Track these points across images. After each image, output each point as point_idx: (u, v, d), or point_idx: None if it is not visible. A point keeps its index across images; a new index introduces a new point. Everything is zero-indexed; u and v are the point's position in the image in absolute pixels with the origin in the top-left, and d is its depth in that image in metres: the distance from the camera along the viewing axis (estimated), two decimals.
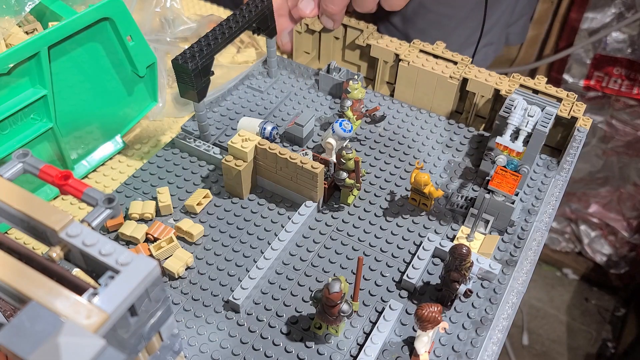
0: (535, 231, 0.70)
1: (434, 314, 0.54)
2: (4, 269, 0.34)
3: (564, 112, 0.76)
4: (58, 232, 0.37)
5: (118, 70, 0.74)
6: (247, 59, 0.95)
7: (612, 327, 1.89)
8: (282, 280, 0.65)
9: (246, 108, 0.85)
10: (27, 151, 0.43)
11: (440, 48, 0.84)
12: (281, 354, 0.59)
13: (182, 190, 0.74)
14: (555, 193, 0.74)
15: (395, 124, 0.84)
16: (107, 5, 0.66)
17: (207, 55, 0.70)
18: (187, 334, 0.60)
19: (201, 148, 0.78)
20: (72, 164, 0.77)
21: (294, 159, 0.68)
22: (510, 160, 0.70)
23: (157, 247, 0.66)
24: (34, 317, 0.32)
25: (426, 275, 0.66)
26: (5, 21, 0.68)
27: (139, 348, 0.39)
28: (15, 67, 0.62)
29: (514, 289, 0.65)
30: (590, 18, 1.53)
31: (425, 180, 0.68)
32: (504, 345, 0.61)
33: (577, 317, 1.90)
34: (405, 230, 0.70)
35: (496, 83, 0.79)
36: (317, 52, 0.96)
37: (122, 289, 0.34)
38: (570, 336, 1.86)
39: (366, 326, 0.62)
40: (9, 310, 0.52)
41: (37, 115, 0.68)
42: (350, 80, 0.79)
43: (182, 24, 0.91)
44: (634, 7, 1.47)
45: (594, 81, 1.60)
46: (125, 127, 0.81)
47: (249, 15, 0.76)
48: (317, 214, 0.72)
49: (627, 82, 1.57)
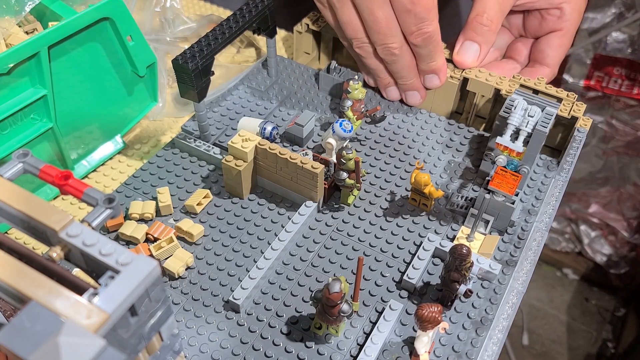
0: (535, 231, 0.70)
1: (434, 314, 0.54)
2: (4, 269, 0.34)
3: (564, 112, 0.76)
4: (58, 232, 0.37)
5: (118, 70, 0.74)
6: (247, 59, 0.95)
7: (612, 327, 1.89)
8: (282, 280, 0.65)
9: (246, 108, 0.85)
10: (27, 151, 0.43)
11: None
12: (281, 354, 0.59)
13: (182, 190, 0.74)
14: (555, 193, 0.74)
15: (395, 124, 0.84)
16: (107, 5, 0.66)
17: (207, 55, 0.70)
18: (187, 334, 0.60)
19: (201, 148, 0.78)
20: (72, 164, 0.77)
21: (294, 159, 0.68)
22: (510, 160, 0.70)
23: (157, 247, 0.66)
24: (34, 317, 0.32)
25: (426, 276, 0.66)
26: (5, 21, 0.68)
27: (139, 348, 0.39)
28: (15, 67, 0.62)
29: (514, 289, 0.65)
30: (590, 18, 1.53)
31: (425, 180, 0.68)
32: (504, 345, 0.61)
33: (577, 317, 1.90)
34: (405, 231, 0.70)
35: (496, 83, 0.79)
36: (317, 52, 0.96)
37: (122, 289, 0.34)
38: (570, 336, 1.86)
39: (366, 326, 0.62)
40: (9, 310, 0.52)
41: (37, 115, 0.68)
42: (351, 80, 0.79)
43: (182, 23, 0.91)
44: (634, 7, 1.47)
45: (594, 81, 1.60)
46: (125, 127, 0.81)
47: (249, 15, 0.76)
48: (317, 214, 0.72)
49: (627, 82, 1.57)
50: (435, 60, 0.78)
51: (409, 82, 0.82)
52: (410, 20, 0.74)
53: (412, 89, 0.83)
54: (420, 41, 0.75)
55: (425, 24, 0.74)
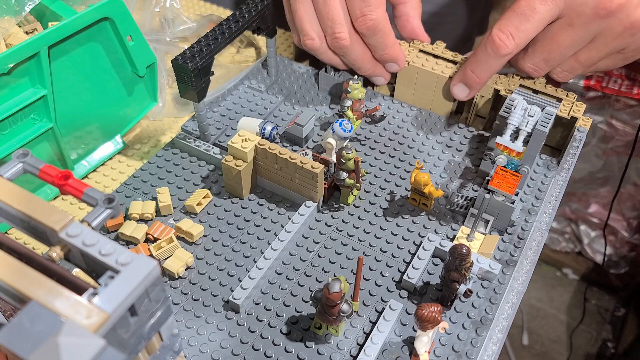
0: (535, 231, 0.70)
1: (434, 314, 0.54)
2: (4, 269, 0.34)
3: (564, 112, 0.76)
4: (58, 232, 0.37)
5: (118, 70, 0.74)
6: (247, 59, 0.95)
7: (612, 327, 1.89)
8: (282, 280, 0.65)
9: (246, 108, 0.85)
10: (27, 151, 0.43)
11: (440, 48, 0.84)
12: (281, 354, 0.59)
13: (182, 190, 0.74)
14: (555, 193, 0.74)
15: (395, 124, 0.84)
16: (107, 5, 0.66)
17: (207, 55, 0.70)
18: (187, 334, 0.60)
19: (201, 148, 0.78)
20: (72, 164, 0.77)
21: (294, 159, 0.68)
22: (510, 160, 0.70)
23: (157, 247, 0.66)
24: (34, 317, 0.32)
25: (426, 275, 0.66)
26: (5, 21, 0.68)
27: (139, 348, 0.39)
28: (15, 67, 0.62)
29: (514, 289, 0.65)
30: None
31: (425, 180, 0.68)
32: (504, 345, 0.61)
33: (577, 317, 1.90)
34: (405, 230, 0.70)
35: (496, 82, 0.79)
36: None
37: (122, 289, 0.34)
38: (570, 336, 1.86)
39: (366, 326, 0.62)
40: (9, 310, 0.52)
41: (37, 115, 0.68)
42: (350, 80, 0.79)
43: (182, 23, 0.91)
44: None
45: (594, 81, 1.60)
46: (125, 127, 0.81)
47: (249, 15, 0.76)
48: (317, 214, 0.72)
49: (627, 82, 1.57)
50: (386, 51, 0.80)
51: (367, 72, 0.84)
52: (355, 4, 0.76)
53: (374, 76, 0.85)
54: (365, 29, 0.77)
55: (368, 9, 0.75)
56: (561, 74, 0.78)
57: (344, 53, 0.80)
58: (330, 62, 0.84)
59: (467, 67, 0.77)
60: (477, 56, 0.76)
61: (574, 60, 0.76)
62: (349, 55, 0.80)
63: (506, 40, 0.72)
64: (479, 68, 0.76)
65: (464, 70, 0.78)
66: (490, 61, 0.74)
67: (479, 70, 0.76)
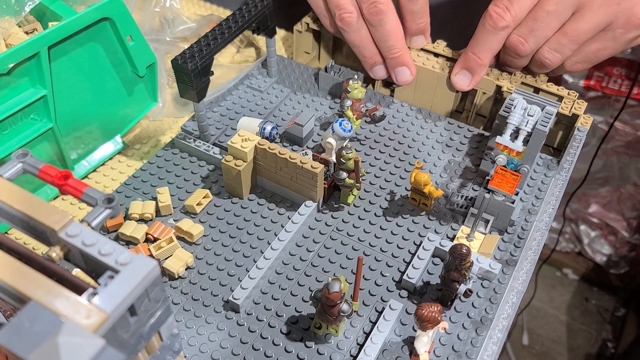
0: (535, 231, 0.70)
1: (434, 313, 0.54)
2: (4, 269, 0.34)
3: (565, 109, 0.76)
4: (58, 232, 0.37)
5: (118, 70, 0.74)
6: (247, 59, 0.95)
7: (612, 327, 1.89)
8: (282, 280, 0.65)
9: (246, 108, 0.85)
10: (27, 151, 0.43)
11: (440, 46, 0.84)
12: (281, 354, 0.59)
13: (182, 190, 0.74)
14: (555, 193, 0.74)
15: (395, 124, 0.84)
16: (107, 5, 0.66)
17: (207, 55, 0.70)
18: (187, 334, 0.60)
19: (201, 148, 0.78)
20: (72, 164, 0.77)
21: (293, 159, 0.68)
22: (510, 159, 0.70)
23: (157, 247, 0.66)
24: (33, 317, 0.32)
25: (426, 275, 0.66)
26: (5, 21, 0.68)
27: (138, 348, 0.39)
28: (15, 67, 0.62)
29: (513, 288, 0.65)
30: None
31: (425, 180, 0.68)
32: (504, 345, 0.61)
33: (577, 317, 1.90)
34: (405, 230, 0.70)
35: (497, 79, 0.79)
36: (317, 52, 0.96)
37: (122, 289, 0.34)
38: (570, 336, 1.86)
39: (366, 326, 0.62)
40: (9, 310, 0.52)
41: (37, 115, 0.68)
42: (350, 80, 0.79)
43: (182, 23, 0.91)
44: None
45: (594, 81, 1.60)
46: (125, 127, 0.81)
47: (249, 15, 0.76)
48: (317, 214, 0.72)
49: (627, 82, 1.57)
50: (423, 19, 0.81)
51: (395, 51, 0.81)
52: None
53: (401, 64, 0.83)
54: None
55: None
56: (549, 54, 0.76)
57: (380, 22, 0.78)
58: (360, 42, 0.82)
59: (467, 50, 0.77)
60: (477, 36, 0.76)
61: (562, 34, 0.75)
62: (384, 26, 0.79)
63: (502, 13, 0.72)
64: (479, 47, 0.76)
65: (465, 54, 0.78)
66: (489, 37, 0.75)
67: (479, 49, 0.76)
